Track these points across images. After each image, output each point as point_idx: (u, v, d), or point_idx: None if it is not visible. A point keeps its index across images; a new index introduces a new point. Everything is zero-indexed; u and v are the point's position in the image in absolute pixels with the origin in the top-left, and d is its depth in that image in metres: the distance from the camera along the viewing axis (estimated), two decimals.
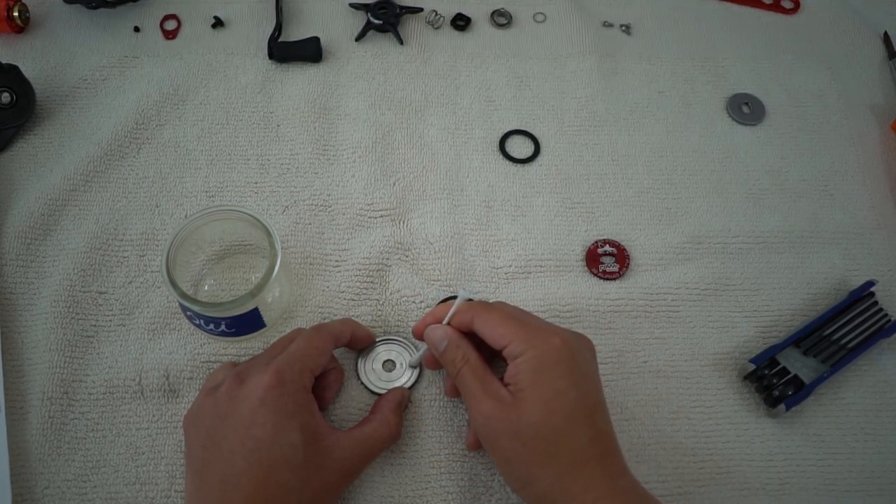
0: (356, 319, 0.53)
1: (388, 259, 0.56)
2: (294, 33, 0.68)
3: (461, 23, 0.69)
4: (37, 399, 0.49)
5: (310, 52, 0.66)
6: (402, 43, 0.68)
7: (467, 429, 0.49)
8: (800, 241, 0.60)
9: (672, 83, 0.68)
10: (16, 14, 0.64)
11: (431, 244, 0.57)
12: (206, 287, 0.55)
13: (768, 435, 0.51)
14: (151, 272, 0.55)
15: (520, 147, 0.63)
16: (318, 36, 0.66)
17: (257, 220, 0.48)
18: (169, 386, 0.51)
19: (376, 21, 0.67)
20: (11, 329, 0.52)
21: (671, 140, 0.65)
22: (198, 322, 0.50)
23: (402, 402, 0.49)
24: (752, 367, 0.52)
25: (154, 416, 0.50)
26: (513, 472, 0.42)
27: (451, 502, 0.48)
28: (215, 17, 0.68)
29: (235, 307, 0.47)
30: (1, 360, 0.50)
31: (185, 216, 0.57)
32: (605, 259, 0.58)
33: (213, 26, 0.68)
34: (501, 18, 0.71)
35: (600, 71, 0.67)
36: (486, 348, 0.45)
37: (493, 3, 0.71)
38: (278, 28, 0.67)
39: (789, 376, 0.51)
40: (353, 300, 0.55)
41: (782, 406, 0.50)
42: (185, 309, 0.49)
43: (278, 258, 0.47)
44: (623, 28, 0.71)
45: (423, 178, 0.61)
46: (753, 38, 0.71)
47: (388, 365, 0.52)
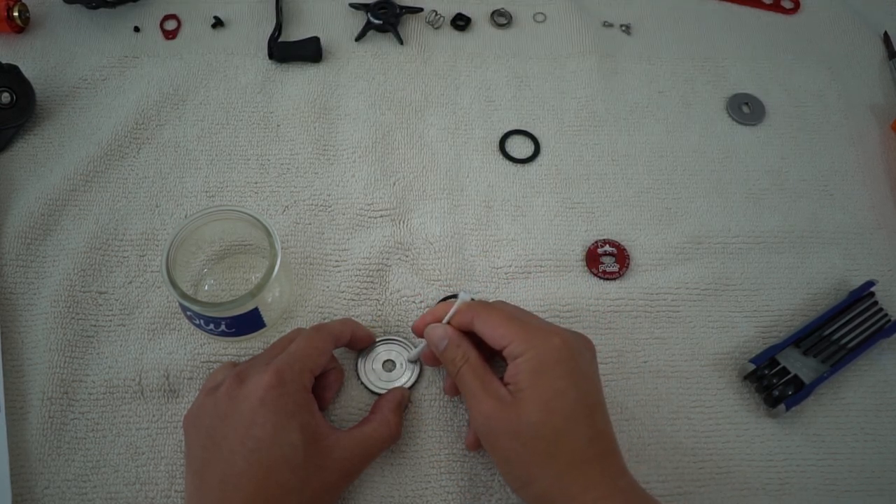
0: (356, 319, 0.53)
1: (388, 259, 0.56)
2: (294, 33, 0.68)
3: (461, 23, 0.69)
4: (37, 399, 0.50)
5: (310, 52, 0.66)
6: (402, 43, 0.68)
7: (467, 429, 0.49)
8: (800, 241, 0.60)
9: (672, 83, 0.68)
10: (16, 14, 0.64)
11: (431, 244, 0.57)
12: (206, 287, 0.55)
13: (768, 435, 0.51)
14: (151, 272, 0.55)
15: (520, 147, 0.63)
16: (318, 36, 0.66)
17: (257, 220, 0.48)
18: (169, 386, 0.51)
19: (376, 21, 0.67)
20: (11, 329, 0.52)
21: (671, 140, 0.65)
22: (198, 322, 0.50)
23: (402, 402, 0.49)
24: (752, 367, 0.52)
25: (154, 416, 0.50)
26: (512, 472, 0.42)
27: (451, 502, 0.48)
28: (215, 17, 0.68)
29: (235, 307, 0.47)
30: (1, 360, 0.50)
31: (185, 216, 0.57)
32: (605, 259, 0.58)
33: (213, 26, 0.68)
34: (501, 18, 0.71)
35: (600, 71, 0.67)
36: (485, 347, 0.45)
37: (493, 3, 0.71)
38: (278, 28, 0.67)
39: (789, 376, 0.51)
40: (353, 300, 0.55)
41: (782, 406, 0.50)
42: (185, 309, 0.49)
43: (278, 258, 0.47)
44: (623, 28, 0.71)
45: (423, 178, 0.61)
46: (753, 38, 0.71)
47: (388, 365, 0.52)
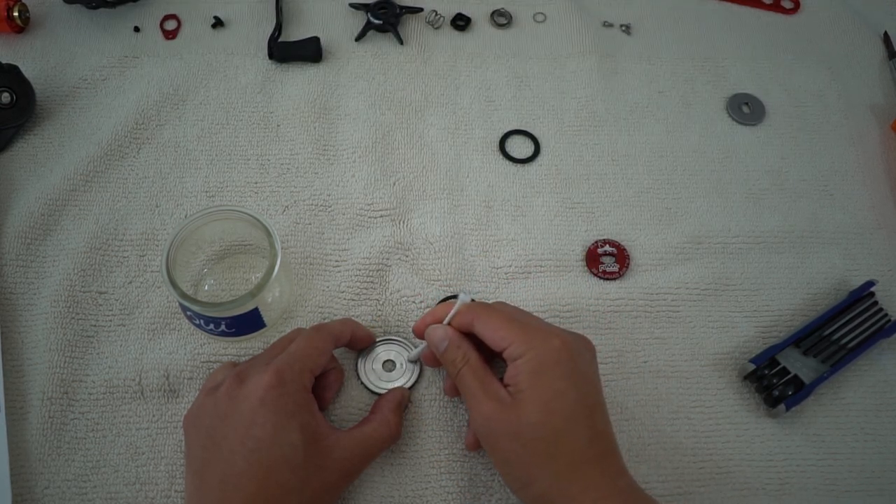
0: (356, 319, 0.53)
1: (388, 259, 0.56)
2: (294, 33, 0.68)
3: (461, 23, 0.69)
4: (37, 399, 0.50)
5: (310, 52, 0.66)
6: (402, 43, 0.68)
7: (467, 429, 0.49)
8: (800, 241, 0.60)
9: (672, 83, 0.68)
10: (16, 14, 0.64)
11: (431, 244, 0.57)
12: (206, 287, 0.55)
13: (768, 435, 0.51)
14: (151, 272, 0.55)
15: (520, 147, 0.63)
16: (318, 36, 0.66)
17: (257, 220, 0.48)
18: (169, 386, 0.51)
19: (376, 21, 0.67)
20: (11, 329, 0.52)
21: (671, 140, 0.65)
22: (198, 322, 0.50)
23: (402, 402, 0.49)
24: (752, 367, 0.52)
25: (154, 416, 0.50)
26: (512, 473, 0.43)
27: (451, 502, 0.48)
28: (215, 17, 0.68)
29: (235, 307, 0.47)
30: (1, 360, 0.50)
31: (185, 216, 0.57)
32: (605, 259, 0.58)
33: (213, 26, 0.68)
34: (501, 18, 0.71)
35: (600, 71, 0.67)
36: (485, 348, 0.45)
37: (493, 3, 0.71)
38: (278, 28, 0.67)
39: (789, 376, 0.51)
40: (353, 300, 0.55)
41: (782, 406, 0.50)
42: (185, 309, 0.49)
43: (278, 258, 0.47)
44: (623, 28, 0.71)
45: (423, 178, 0.61)
46: (753, 38, 0.71)
47: (388, 365, 0.52)
